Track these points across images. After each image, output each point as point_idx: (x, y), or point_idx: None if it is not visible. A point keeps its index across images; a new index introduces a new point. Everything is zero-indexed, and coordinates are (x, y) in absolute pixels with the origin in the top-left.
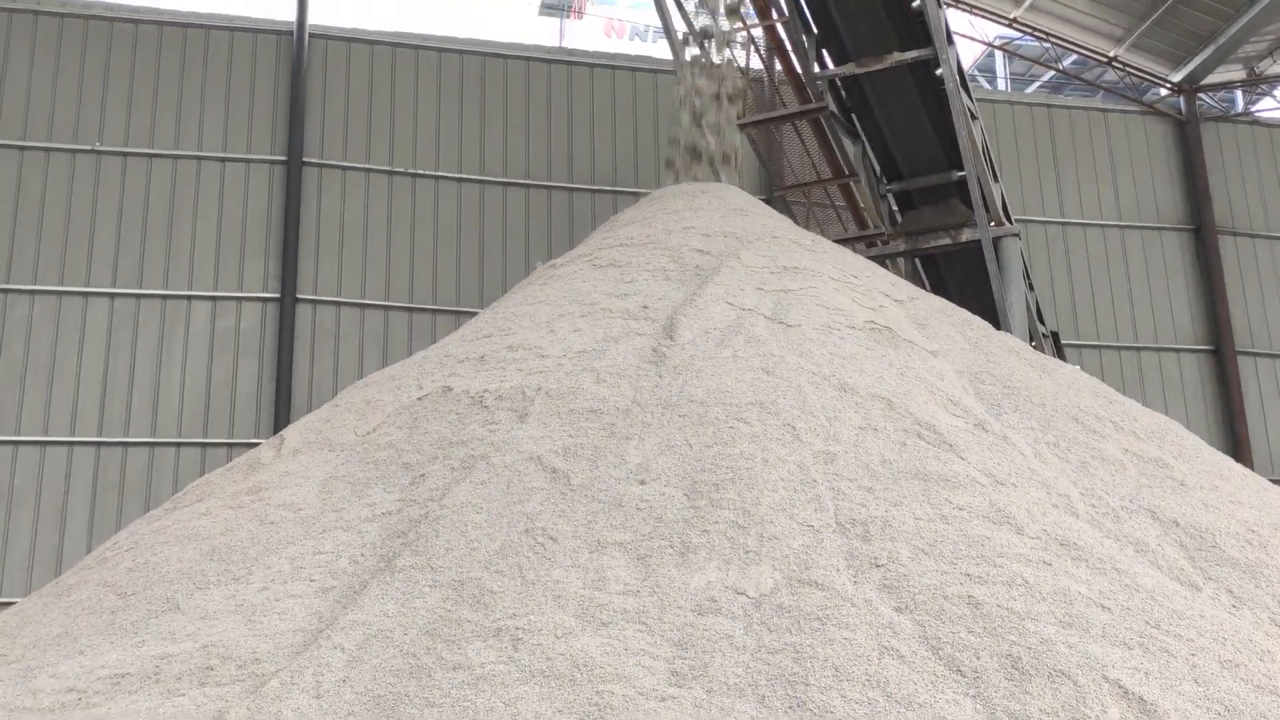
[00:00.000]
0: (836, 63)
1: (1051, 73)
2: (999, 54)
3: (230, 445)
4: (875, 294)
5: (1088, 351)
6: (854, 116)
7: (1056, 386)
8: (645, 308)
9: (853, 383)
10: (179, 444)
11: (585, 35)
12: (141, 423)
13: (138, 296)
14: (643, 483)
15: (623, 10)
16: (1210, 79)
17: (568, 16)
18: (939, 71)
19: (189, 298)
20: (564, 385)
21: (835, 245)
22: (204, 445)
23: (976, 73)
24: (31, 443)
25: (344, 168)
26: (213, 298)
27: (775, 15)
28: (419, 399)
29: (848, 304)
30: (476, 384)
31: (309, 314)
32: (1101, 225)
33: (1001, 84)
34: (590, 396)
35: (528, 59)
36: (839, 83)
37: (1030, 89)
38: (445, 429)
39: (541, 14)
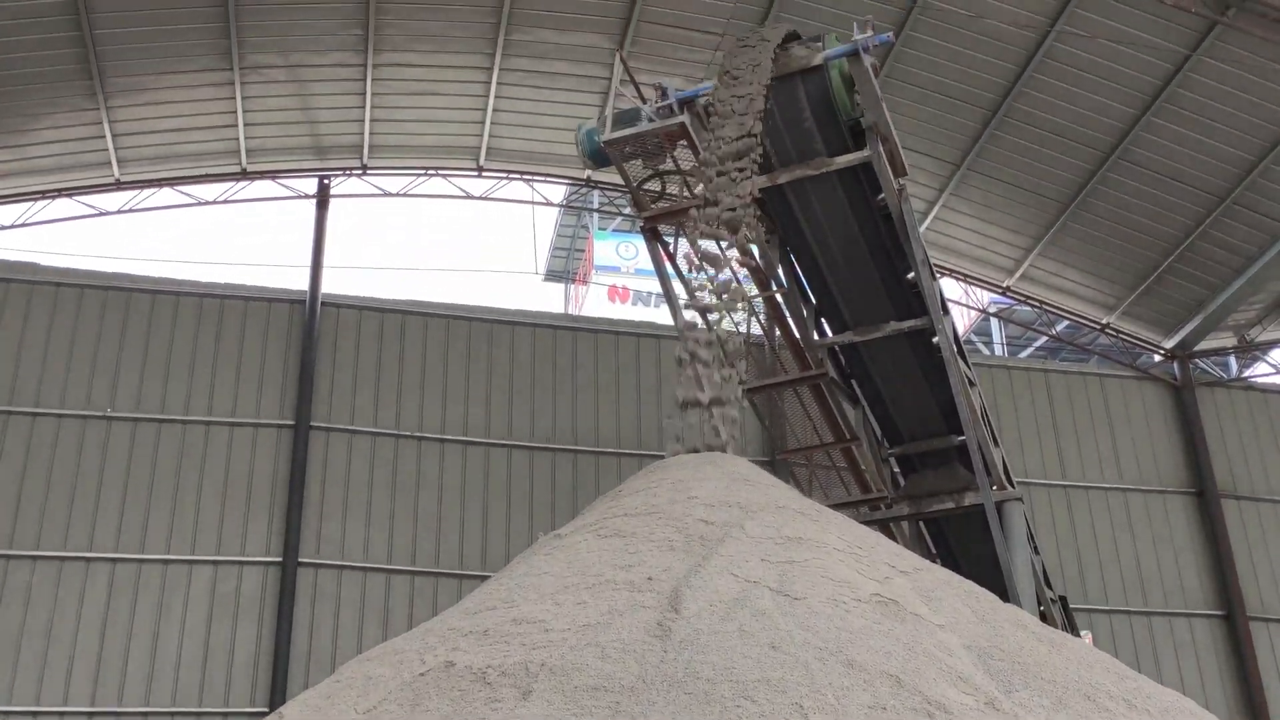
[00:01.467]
0: (835, 330)
1: (1046, 337)
2: (994, 319)
3: (225, 715)
4: (881, 565)
5: (1098, 616)
6: (854, 382)
7: (1067, 662)
8: (650, 579)
9: (860, 659)
10: (173, 713)
11: (590, 301)
12: (135, 692)
13: (140, 561)
14: None
15: (625, 277)
16: (1202, 345)
17: (572, 283)
18: (935, 340)
19: (191, 562)
20: (568, 661)
21: (840, 515)
22: (199, 714)
23: (973, 337)
24: (22, 713)
25: (351, 431)
26: (215, 562)
27: (774, 285)
28: (421, 674)
29: (853, 575)
30: (480, 659)
31: (310, 577)
32: (1104, 488)
33: (998, 348)
34: (595, 673)
35: (534, 325)
36: (838, 349)
37: (1025, 353)
38: (448, 707)
39: (546, 280)
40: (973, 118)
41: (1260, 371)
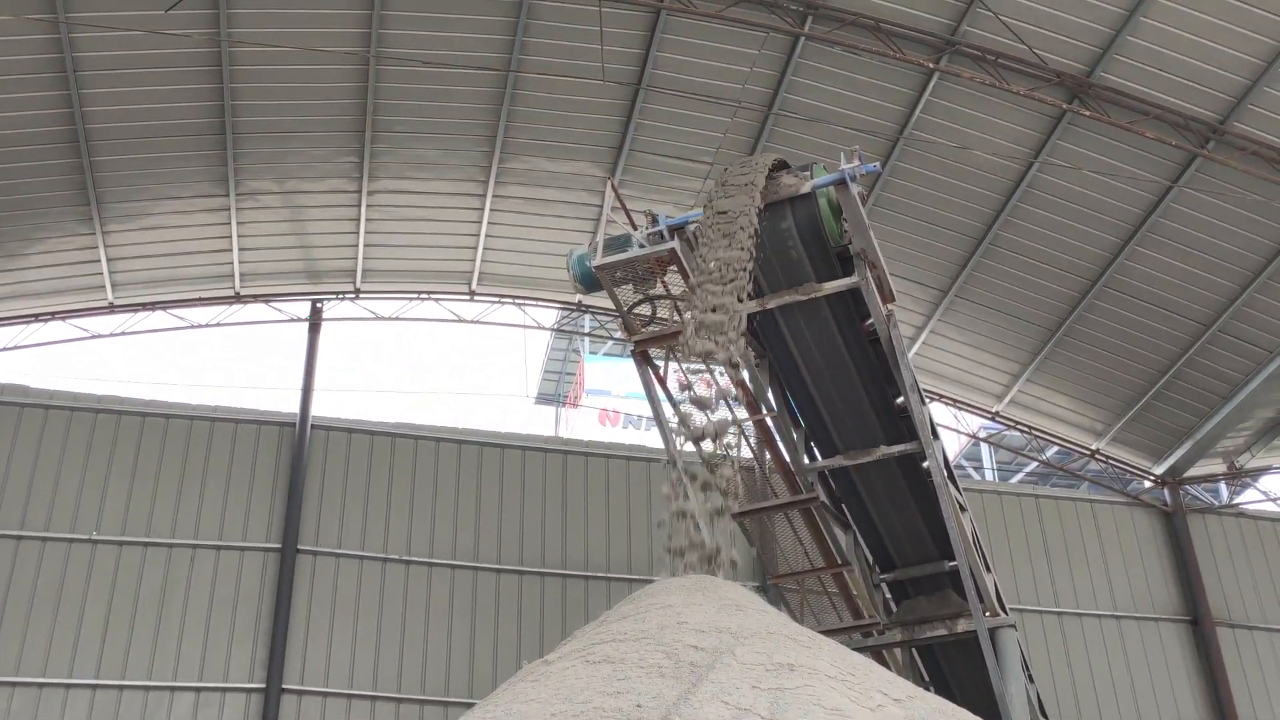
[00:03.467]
0: (825, 455)
1: (1036, 463)
2: (984, 444)
3: None
4: (874, 693)
5: None
6: (844, 506)
7: None
8: (639, 706)
9: None
10: None
11: (580, 424)
12: None
13: (120, 688)
14: None
15: (616, 400)
16: (1192, 471)
17: (563, 406)
18: (926, 464)
19: (172, 689)
20: None
21: (832, 642)
22: None
23: (964, 461)
24: None
25: (338, 555)
26: (197, 689)
27: (764, 409)
28: None
29: (846, 704)
30: None
31: (294, 705)
32: (1097, 615)
33: (988, 473)
34: None
35: (524, 448)
36: (829, 473)
37: (1016, 478)
38: None
39: (538, 403)
40: (960, 245)
41: (1250, 499)
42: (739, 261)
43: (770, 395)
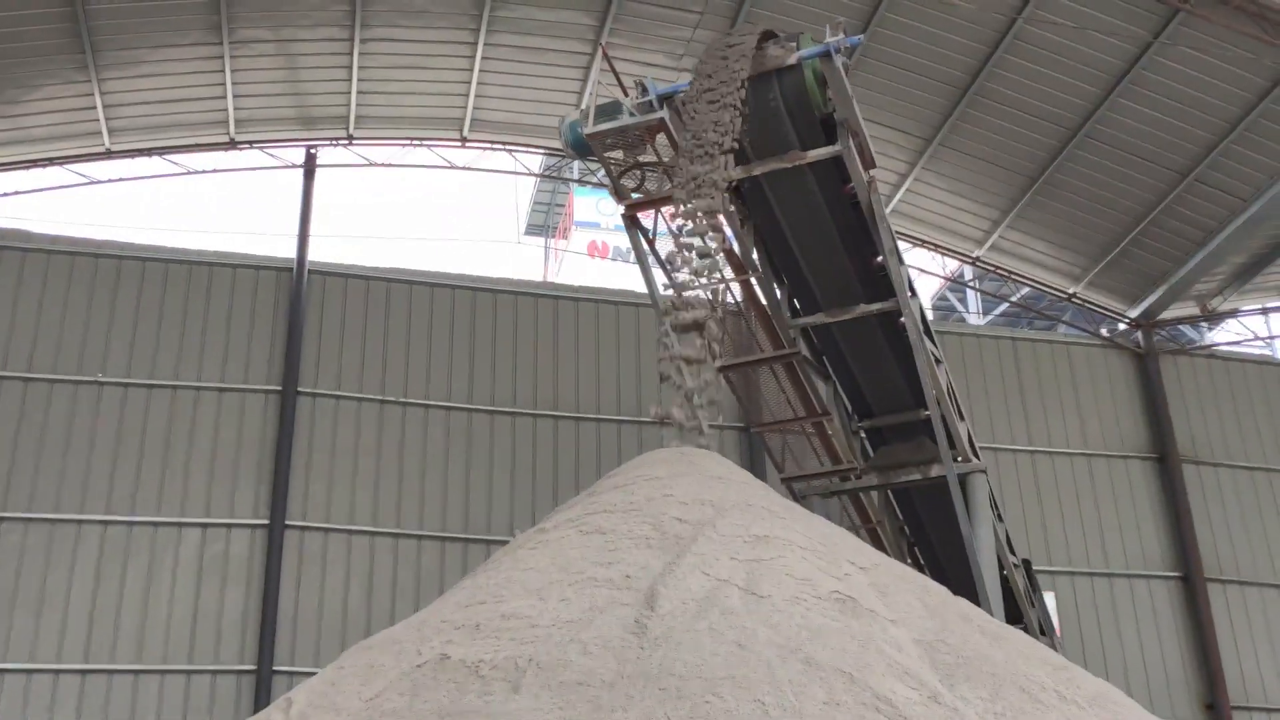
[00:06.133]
0: (807, 311)
1: (1012, 304)
2: (969, 270)
3: (215, 673)
4: (842, 561)
5: (1060, 578)
6: (825, 359)
7: (1006, 655)
8: (628, 577)
9: (817, 656)
10: (164, 671)
11: (570, 256)
12: (127, 651)
13: (129, 524)
14: None
15: (606, 233)
16: (1166, 314)
17: (553, 239)
18: (903, 320)
19: (180, 524)
20: (553, 657)
21: (806, 512)
22: (189, 673)
23: (949, 294)
24: (16, 670)
25: (337, 397)
26: (203, 524)
27: (749, 270)
28: (418, 666)
29: (815, 573)
30: (472, 653)
31: (297, 540)
32: (1069, 454)
33: (972, 305)
34: (578, 669)
35: (515, 293)
36: (810, 328)
37: (1000, 309)
38: (444, 698)
39: (527, 234)
40: (944, 95)
41: (1221, 339)
42: (726, 125)
43: (755, 257)
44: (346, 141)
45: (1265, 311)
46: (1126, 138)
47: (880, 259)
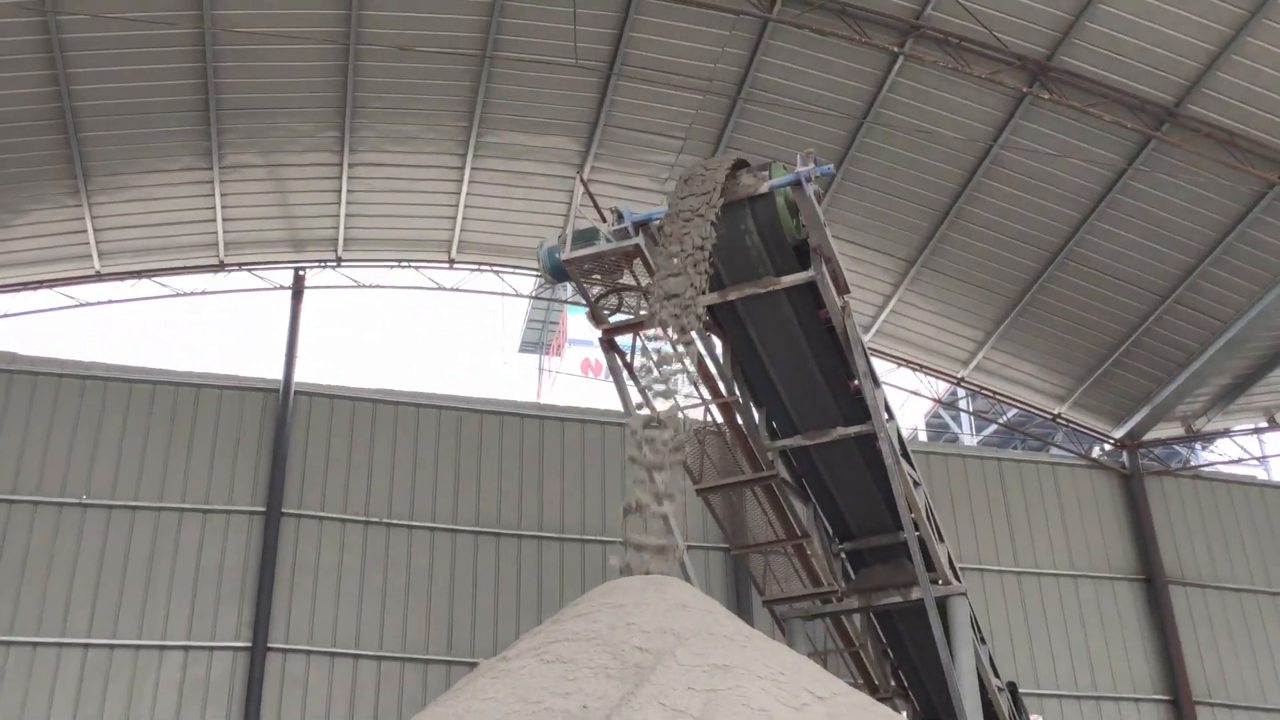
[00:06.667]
0: (785, 433)
1: (999, 425)
2: (961, 391)
3: None
4: (800, 691)
5: (1048, 701)
6: (804, 481)
7: None
8: (585, 708)
9: None
10: None
11: (564, 373)
12: None
13: (111, 647)
14: None
15: (600, 351)
16: (1150, 435)
17: (547, 354)
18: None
19: (161, 647)
20: None
21: (768, 640)
22: None
23: (942, 412)
24: None
25: (321, 518)
26: (185, 647)
27: (725, 392)
28: None
29: (773, 704)
30: None
31: (279, 662)
32: (1055, 575)
33: (966, 421)
34: None
35: (502, 413)
36: (789, 451)
37: (987, 431)
38: None
39: (521, 351)
40: (925, 219)
41: (1206, 460)
42: (698, 250)
43: (735, 384)
44: (335, 263)
45: (1257, 431)
46: (1106, 260)
47: (857, 382)
